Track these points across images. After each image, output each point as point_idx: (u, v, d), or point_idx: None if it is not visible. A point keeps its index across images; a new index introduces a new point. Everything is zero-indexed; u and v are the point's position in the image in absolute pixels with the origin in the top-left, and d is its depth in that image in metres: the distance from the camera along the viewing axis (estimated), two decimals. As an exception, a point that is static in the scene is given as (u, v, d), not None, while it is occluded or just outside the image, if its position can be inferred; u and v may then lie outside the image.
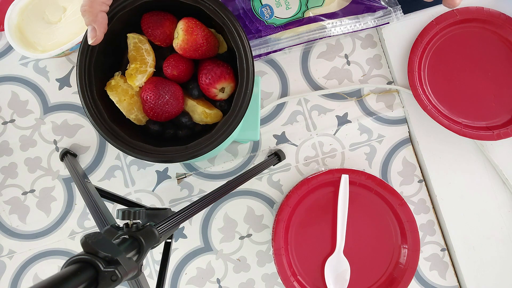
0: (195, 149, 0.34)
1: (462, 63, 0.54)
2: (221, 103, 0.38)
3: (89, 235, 0.24)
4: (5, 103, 0.54)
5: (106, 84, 0.37)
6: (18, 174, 0.53)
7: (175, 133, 0.39)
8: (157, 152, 0.34)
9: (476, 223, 0.54)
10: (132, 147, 0.34)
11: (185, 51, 0.36)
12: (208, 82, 0.36)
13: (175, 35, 0.36)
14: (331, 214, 0.53)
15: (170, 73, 0.37)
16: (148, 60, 0.36)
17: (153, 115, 0.36)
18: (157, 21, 0.36)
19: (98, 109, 0.35)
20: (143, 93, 0.36)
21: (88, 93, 0.34)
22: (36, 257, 0.53)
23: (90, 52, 0.34)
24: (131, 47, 0.37)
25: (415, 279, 0.54)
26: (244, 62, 0.34)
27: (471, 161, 0.55)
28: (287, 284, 0.50)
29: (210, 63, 0.36)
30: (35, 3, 0.49)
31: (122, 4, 0.34)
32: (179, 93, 0.36)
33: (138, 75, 0.36)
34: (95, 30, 0.32)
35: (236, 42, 0.34)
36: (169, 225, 0.35)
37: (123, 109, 0.37)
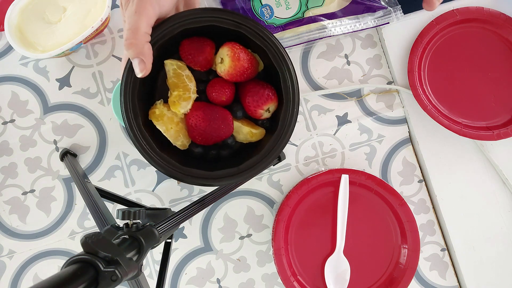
0: (247, 170, 0.35)
1: (462, 63, 0.54)
2: (263, 121, 0.39)
3: (89, 235, 0.24)
4: (5, 103, 0.54)
5: (149, 114, 0.37)
6: (18, 174, 0.53)
7: (217, 153, 0.39)
8: (212, 177, 0.35)
9: (476, 223, 0.54)
10: (187, 175, 0.35)
11: (231, 76, 0.36)
12: (256, 104, 0.36)
13: (217, 60, 0.36)
14: (331, 214, 0.53)
15: (217, 98, 0.37)
16: (190, 87, 0.36)
17: (202, 140, 0.37)
18: (198, 48, 0.36)
19: (147, 141, 0.35)
20: (192, 120, 0.36)
21: (135, 126, 0.34)
22: (36, 257, 0.53)
23: (133, 84, 0.34)
24: (170, 74, 0.37)
25: (415, 279, 0.54)
26: (288, 81, 0.35)
27: (471, 161, 0.55)
28: (287, 284, 0.50)
29: (254, 85, 0.37)
30: (35, 3, 0.49)
31: (162, 33, 0.34)
32: (229, 118, 0.37)
33: (183, 102, 0.36)
34: (143, 62, 0.32)
35: (279, 62, 0.35)
36: (169, 225, 0.35)
37: (170, 137, 0.37)
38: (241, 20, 0.34)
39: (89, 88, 0.54)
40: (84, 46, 0.54)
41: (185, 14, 0.34)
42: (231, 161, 0.37)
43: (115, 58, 0.54)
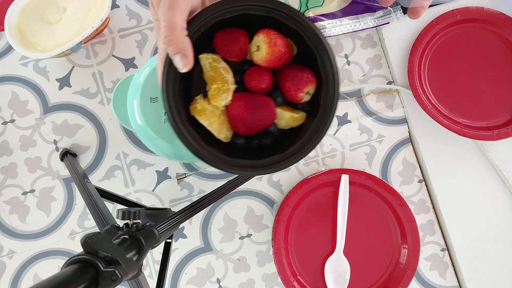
0: (294, 155, 0.35)
1: (462, 63, 0.54)
2: (303, 105, 0.38)
3: (89, 235, 0.24)
4: (5, 103, 0.54)
5: (191, 110, 0.37)
6: (18, 174, 0.53)
7: (259, 142, 0.39)
8: (262, 165, 0.35)
9: (476, 223, 0.54)
10: (237, 166, 0.35)
11: (269, 63, 0.36)
12: (296, 88, 0.36)
13: (253, 48, 0.36)
14: (331, 214, 0.53)
15: (258, 86, 0.37)
16: (228, 78, 0.36)
17: (245, 130, 0.37)
18: (232, 38, 0.36)
19: (193, 137, 0.35)
20: (234, 111, 0.36)
21: (181, 124, 0.34)
22: (36, 257, 0.53)
23: (173, 81, 0.34)
24: (207, 68, 0.36)
25: (415, 279, 0.54)
26: (328, 61, 0.35)
27: (471, 161, 0.55)
28: (287, 284, 0.50)
29: (292, 69, 0.37)
30: (35, 3, 0.49)
31: (197, 26, 0.34)
32: (271, 104, 0.36)
33: (222, 95, 0.36)
34: (185, 56, 0.32)
35: (315, 43, 0.35)
36: (169, 225, 0.35)
37: (213, 130, 0.36)
38: (273, 5, 0.34)
39: (89, 88, 0.54)
40: (84, 46, 0.54)
41: (218, 6, 0.34)
42: (274, 148, 0.37)
43: (115, 58, 0.54)
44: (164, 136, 0.44)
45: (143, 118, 0.43)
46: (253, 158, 0.35)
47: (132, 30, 0.55)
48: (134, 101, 0.44)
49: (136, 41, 0.55)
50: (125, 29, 0.55)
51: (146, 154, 0.54)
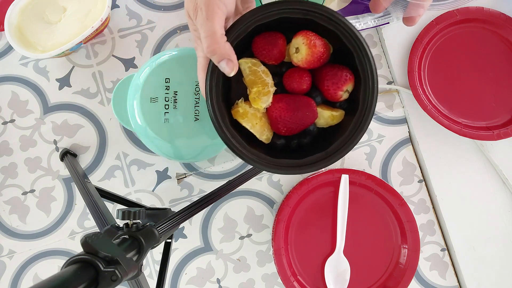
0: (336, 152, 0.36)
1: (462, 63, 0.54)
2: (341, 103, 0.39)
3: (89, 235, 0.24)
4: (5, 103, 0.54)
5: (233, 113, 0.38)
6: (18, 174, 0.53)
7: (299, 142, 0.40)
8: (305, 164, 0.36)
9: (476, 223, 0.54)
10: (281, 166, 0.36)
11: (309, 63, 0.37)
12: (336, 86, 0.37)
13: (292, 51, 0.37)
14: (331, 214, 0.53)
15: (299, 87, 0.38)
16: (268, 81, 0.37)
17: (286, 131, 0.38)
18: (271, 42, 0.37)
19: (237, 140, 0.36)
20: (275, 112, 0.37)
21: (225, 127, 0.36)
22: (36, 257, 0.53)
23: (216, 87, 0.35)
24: (247, 72, 0.37)
25: (415, 279, 0.54)
26: (365, 59, 0.35)
27: (471, 161, 0.55)
28: (287, 284, 0.50)
29: (331, 68, 0.37)
30: (35, 3, 0.49)
31: (237, 32, 0.35)
32: (313, 104, 0.37)
33: (263, 97, 0.37)
34: (231, 61, 0.33)
35: (353, 42, 0.35)
36: (169, 225, 0.35)
37: (256, 132, 0.38)
38: (309, 7, 0.35)
39: (89, 88, 0.54)
40: (84, 46, 0.54)
41: (255, 11, 0.35)
42: (313, 147, 0.38)
43: (115, 58, 0.55)
44: (164, 136, 0.44)
45: (143, 118, 0.43)
46: (294, 158, 0.36)
47: (132, 30, 0.55)
48: (134, 101, 0.44)
49: (136, 41, 0.55)
50: (125, 29, 0.55)
51: (146, 154, 0.54)
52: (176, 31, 0.55)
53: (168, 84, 0.44)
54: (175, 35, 0.55)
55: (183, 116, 0.44)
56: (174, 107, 0.44)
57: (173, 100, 0.44)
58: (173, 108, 0.44)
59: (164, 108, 0.44)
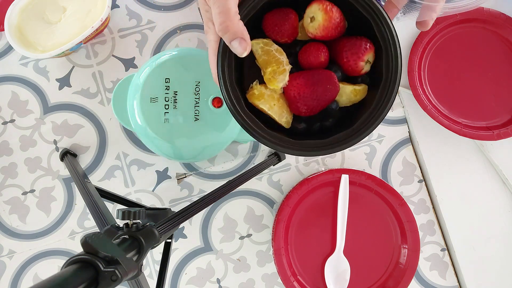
0: (363, 128, 0.33)
1: (462, 63, 0.54)
2: (362, 77, 0.37)
3: (89, 235, 0.24)
4: (5, 103, 0.54)
5: (248, 97, 0.36)
6: (18, 174, 0.53)
7: (321, 125, 0.37)
8: (331, 143, 0.34)
9: (476, 223, 0.54)
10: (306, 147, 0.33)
11: (327, 31, 0.34)
12: (356, 57, 0.34)
13: (307, 21, 0.35)
14: (331, 214, 0.53)
15: (316, 60, 0.35)
16: (282, 59, 0.35)
17: (307, 110, 0.35)
18: (283, 17, 0.35)
19: (254, 123, 0.34)
20: (293, 90, 0.35)
21: (240, 109, 0.33)
22: (36, 257, 0.53)
23: (228, 70, 0.34)
24: (259, 53, 0.35)
25: (415, 279, 0.54)
26: (386, 26, 0.33)
27: (471, 161, 0.55)
28: (287, 284, 0.50)
29: (348, 39, 0.35)
30: (35, 3, 0.49)
31: (247, 9, 0.33)
32: (333, 76, 0.35)
33: (279, 76, 0.34)
34: (244, 40, 0.31)
35: (370, 11, 0.33)
36: (169, 225, 0.35)
37: (275, 114, 0.35)
38: None
39: (89, 88, 0.54)
40: (84, 46, 0.54)
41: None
42: (338, 128, 0.35)
43: (115, 58, 0.55)
44: (164, 136, 0.44)
45: (143, 118, 0.43)
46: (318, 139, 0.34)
47: (132, 30, 0.55)
48: (134, 101, 0.44)
49: (136, 41, 0.55)
50: (125, 29, 0.55)
51: (146, 154, 0.54)
52: (176, 31, 0.55)
53: (168, 84, 0.44)
54: (175, 35, 0.55)
55: (183, 116, 0.44)
56: (174, 107, 0.44)
57: (173, 100, 0.44)
58: (173, 108, 0.44)
59: (164, 108, 0.44)
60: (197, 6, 0.56)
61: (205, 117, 0.44)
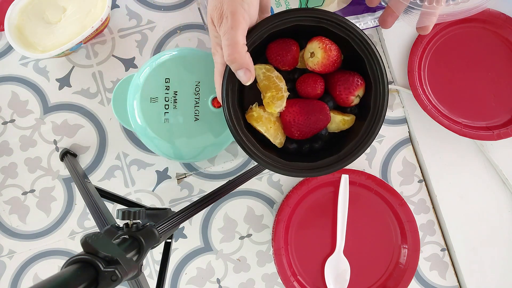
0: (348, 155, 0.37)
1: (462, 63, 0.54)
2: (351, 108, 0.40)
3: (89, 235, 0.24)
4: (5, 103, 0.54)
5: (247, 117, 0.39)
6: (18, 174, 0.53)
7: (310, 147, 0.41)
8: (318, 167, 0.37)
9: (476, 223, 0.54)
10: (295, 169, 0.37)
11: (325, 67, 0.38)
12: (347, 91, 0.38)
13: (307, 55, 0.38)
14: (331, 214, 0.53)
15: (313, 92, 0.38)
16: (281, 86, 0.38)
17: (300, 135, 0.38)
18: (285, 48, 0.38)
19: (252, 143, 0.37)
20: (289, 116, 0.38)
21: (240, 131, 0.37)
22: (36, 257, 0.53)
23: (231, 91, 0.37)
24: (261, 78, 0.38)
25: (415, 279, 0.54)
26: (376, 65, 0.37)
27: (471, 161, 0.55)
28: (287, 284, 0.50)
29: (342, 74, 0.38)
30: (35, 3, 0.49)
31: (253, 39, 0.36)
32: (326, 108, 0.38)
33: (277, 102, 0.38)
34: (248, 71, 0.34)
35: (364, 49, 0.37)
36: (169, 225, 0.35)
37: (270, 136, 0.39)
38: (322, 15, 0.36)
39: (89, 88, 0.54)
40: (84, 46, 0.54)
41: (271, 19, 0.36)
42: (326, 151, 0.39)
43: (115, 58, 0.55)
44: (164, 136, 0.44)
45: (143, 118, 0.43)
46: (306, 161, 0.37)
47: (132, 30, 0.55)
48: (134, 101, 0.44)
49: (136, 41, 0.55)
50: (125, 29, 0.55)
51: (146, 154, 0.54)
52: (176, 31, 0.55)
53: (168, 84, 0.44)
54: (175, 35, 0.55)
55: (183, 116, 0.44)
56: (174, 107, 0.44)
57: (173, 100, 0.44)
58: (173, 108, 0.44)
59: (164, 108, 0.44)
60: (197, 6, 0.56)
61: (205, 117, 0.44)
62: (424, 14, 0.41)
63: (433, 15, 0.41)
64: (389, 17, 0.44)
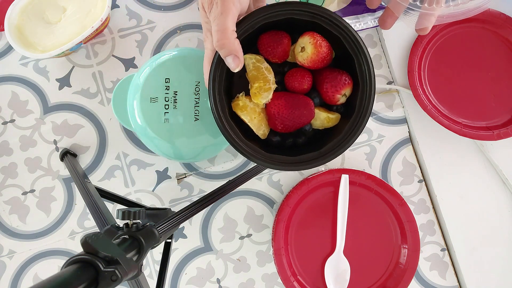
0: (329, 153, 0.37)
1: (462, 63, 0.54)
2: (338, 107, 0.40)
3: (89, 235, 0.24)
4: (5, 103, 0.54)
5: (233, 106, 0.39)
6: (18, 174, 0.53)
7: (294, 141, 0.41)
8: (298, 161, 0.37)
9: (476, 223, 0.54)
10: (275, 161, 0.37)
11: (314, 63, 0.38)
12: (334, 89, 0.38)
13: (297, 50, 0.38)
14: (331, 214, 0.53)
15: (299, 87, 0.38)
16: (270, 78, 0.38)
17: (283, 128, 0.38)
18: (277, 40, 0.38)
19: (234, 132, 0.37)
20: (274, 109, 0.38)
21: (223, 118, 0.37)
22: (36, 257, 0.53)
23: (219, 79, 0.37)
24: (250, 68, 0.38)
25: (415, 279, 0.54)
26: (365, 66, 0.37)
27: (471, 161, 0.55)
28: (287, 284, 0.50)
29: (331, 71, 0.38)
30: (35, 3, 0.49)
31: (245, 28, 0.36)
32: (311, 103, 0.38)
33: (264, 93, 0.38)
34: (237, 58, 0.34)
35: (354, 48, 0.37)
36: (169, 225, 0.35)
37: (253, 126, 0.39)
38: (317, 11, 0.36)
39: (89, 88, 0.54)
40: (84, 46, 0.54)
41: (264, 9, 0.36)
42: (308, 147, 0.39)
43: (115, 58, 0.55)
44: (164, 136, 0.44)
45: (143, 118, 0.43)
46: (288, 155, 0.37)
47: (132, 30, 0.55)
48: (134, 101, 0.44)
49: (136, 41, 0.55)
50: (125, 29, 0.55)
51: (146, 154, 0.54)
52: (176, 31, 0.55)
53: (168, 84, 0.44)
54: (175, 35, 0.55)
55: (183, 116, 0.44)
56: (174, 107, 0.44)
57: (173, 100, 0.44)
58: (173, 108, 0.44)
59: (164, 108, 0.44)
60: (197, 6, 0.56)
61: (205, 117, 0.44)
62: (423, 15, 0.41)
63: (432, 16, 0.41)
64: (389, 18, 0.44)
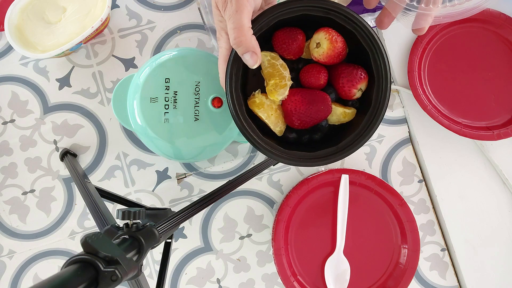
0: (347, 148, 0.37)
1: (462, 63, 0.54)
2: (353, 101, 0.40)
3: (89, 235, 0.24)
4: (5, 103, 0.54)
5: (249, 103, 0.39)
6: (18, 174, 0.53)
7: (310, 137, 0.41)
8: (316, 157, 0.37)
9: (476, 223, 0.54)
10: (293, 157, 0.37)
11: (329, 58, 0.38)
12: (350, 84, 0.38)
13: (312, 45, 0.38)
14: (331, 214, 0.53)
15: (316, 82, 0.39)
16: (285, 74, 0.38)
17: (300, 124, 0.38)
18: (291, 37, 0.38)
19: (252, 129, 0.37)
20: (290, 105, 0.38)
21: (241, 115, 0.37)
22: (36, 257, 0.53)
23: (235, 76, 0.37)
24: (265, 65, 0.39)
25: (415, 279, 0.54)
26: (380, 60, 0.37)
27: (471, 161, 0.55)
28: (287, 284, 0.50)
29: (346, 66, 0.38)
30: (35, 3, 0.49)
31: (260, 25, 0.36)
32: (328, 98, 0.38)
33: (280, 90, 0.38)
34: (255, 54, 0.34)
35: (369, 43, 0.37)
36: (169, 225, 0.35)
37: (271, 123, 0.39)
38: (331, 7, 0.36)
39: (89, 88, 0.54)
40: (84, 46, 0.54)
41: (279, 6, 0.36)
42: (325, 143, 0.39)
43: (115, 58, 0.55)
44: (164, 136, 0.44)
45: (143, 118, 0.43)
46: (305, 151, 0.37)
47: (132, 30, 0.55)
48: (134, 101, 0.44)
49: (136, 41, 0.55)
50: (125, 29, 0.55)
51: (146, 154, 0.54)
52: (176, 31, 0.55)
53: (168, 84, 0.44)
54: (175, 35, 0.55)
55: (183, 116, 0.44)
56: (174, 107, 0.44)
57: (173, 100, 0.44)
58: (173, 108, 0.44)
59: (164, 108, 0.44)
60: (197, 6, 0.56)
61: (205, 117, 0.44)
62: (419, 15, 0.41)
63: (428, 17, 0.41)
64: (386, 18, 0.44)
